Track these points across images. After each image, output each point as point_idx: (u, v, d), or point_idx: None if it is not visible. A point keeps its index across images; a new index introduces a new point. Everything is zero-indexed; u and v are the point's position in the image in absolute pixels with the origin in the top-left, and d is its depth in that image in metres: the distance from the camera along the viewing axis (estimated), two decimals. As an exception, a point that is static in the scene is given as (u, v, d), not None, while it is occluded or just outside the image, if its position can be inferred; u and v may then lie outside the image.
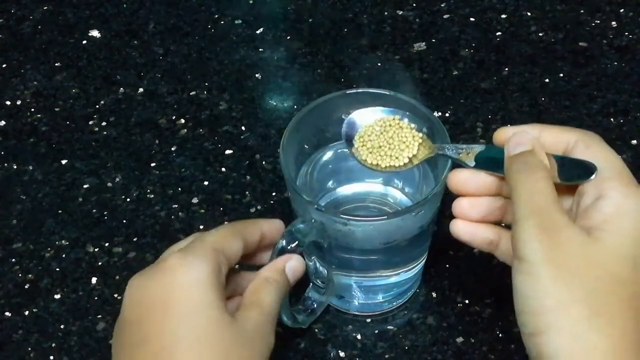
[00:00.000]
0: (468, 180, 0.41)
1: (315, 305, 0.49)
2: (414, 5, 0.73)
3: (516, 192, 0.37)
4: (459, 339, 0.49)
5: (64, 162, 0.61)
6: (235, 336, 0.38)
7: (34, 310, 0.52)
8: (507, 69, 0.67)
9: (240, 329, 0.38)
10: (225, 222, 0.56)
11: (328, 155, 0.51)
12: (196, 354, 0.36)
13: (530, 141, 0.39)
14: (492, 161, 0.41)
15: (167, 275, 0.38)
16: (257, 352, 0.39)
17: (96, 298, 0.53)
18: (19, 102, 0.66)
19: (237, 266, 0.45)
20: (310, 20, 0.73)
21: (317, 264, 0.48)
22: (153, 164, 0.61)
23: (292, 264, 0.43)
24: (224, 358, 0.37)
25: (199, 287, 0.38)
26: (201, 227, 0.56)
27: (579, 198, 0.38)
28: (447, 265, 0.53)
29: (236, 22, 0.73)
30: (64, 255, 0.55)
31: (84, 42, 0.72)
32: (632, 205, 0.36)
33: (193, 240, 0.41)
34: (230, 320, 0.38)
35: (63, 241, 0.56)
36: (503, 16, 0.72)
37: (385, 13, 0.73)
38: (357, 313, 0.51)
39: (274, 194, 0.58)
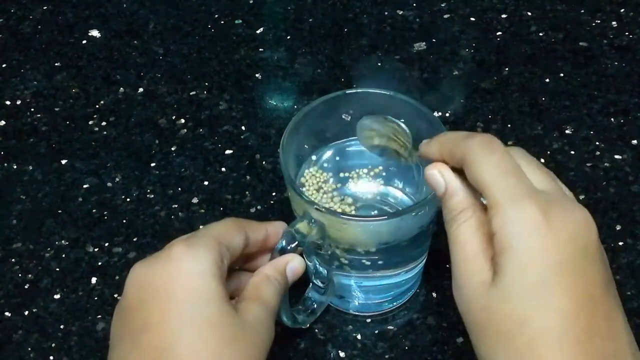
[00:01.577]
0: None
1: (315, 306, 0.49)
2: (414, 5, 0.73)
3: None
4: (459, 339, 0.49)
5: (64, 162, 0.61)
6: (238, 325, 0.38)
7: (34, 310, 0.52)
8: (507, 69, 0.67)
9: (243, 319, 0.39)
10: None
11: (328, 154, 0.51)
12: (200, 341, 0.36)
13: (442, 180, 0.37)
14: None
15: (171, 263, 0.38)
16: (260, 342, 0.39)
17: (96, 298, 0.53)
18: (19, 102, 0.66)
19: (237, 267, 0.45)
20: (310, 20, 0.73)
21: (317, 264, 0.48)
22: (153, 164, 0.61)
23: (293, 265, 0.43)
24: (228, 347, 0.37)
25: (203, 277, 0.38)
26: (201, 227, 0.56)
27: None
28: (447, 265, 0.53)
29: (236, 22, 0.73)
30: (64, 255, 0.55)
31: (84, 42, 0.72)
32: (519, 232, 0.33)
33: (197, 230, 0.42)
34: (232, 311, 0.38)
35: (63, 241, 0.56)
36: (503, 16, 0.72)
37: (385, 13, 0.73)
38: (357, 313, 0.51)
39: (274, 194, 0.58)
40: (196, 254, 0.39)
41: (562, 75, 0.66)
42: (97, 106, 0.66)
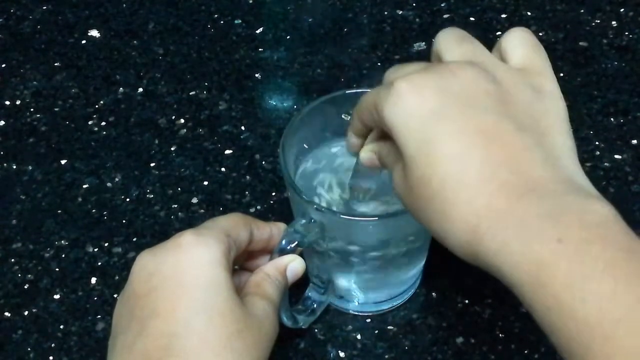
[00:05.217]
0: None
1: (315, 305, 0.49)
2: (414, 5, 0.73)
3: None
4: (459, 339, 0.49)
5: (63, 162, 0.61)
6: (247, 317, 0.38)
7: (34, 310, 0.52)
8: (507, 68, 0.67)
9: (250, 312, 0.39)
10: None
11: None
12: (211, 331, 0.36)
13: (374, 156, 0.40)
14: None
15: (182, 252, 0.38)
16: (266, 336, 0.39)
17: (96, 298, 0.53)
18: (18, 102, 0.66)
19: (236, 266, 0.45)
20: (310, 20, 0.73)
21: (317, 264, 0.48)
22: (153, 164, 0.61)
23: (293, 266, 0.44)
24: (237, 338, 0.37)
25: (214, 267, 0.38)
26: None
27: None
28: (447, 265, 0.53)
29: (236, 22, 0.73)
30: (63, 255, 0.55)
31: (84, 42, 0.72)
32: (389, 116, 0.35)
33: (204, 222, 0.42)
34: (241, 302, 0.39)
35: (63, 241, 0.56)
36: (503, 16, 0.72)
37: (385, 13, 0.73)
38: (357, 313, 0.51)
39: (274, 194, 0.58)
40: (206, 244, 0.39)
41: (562, 75, 0.66)
42: (97, 106, 0.66)
